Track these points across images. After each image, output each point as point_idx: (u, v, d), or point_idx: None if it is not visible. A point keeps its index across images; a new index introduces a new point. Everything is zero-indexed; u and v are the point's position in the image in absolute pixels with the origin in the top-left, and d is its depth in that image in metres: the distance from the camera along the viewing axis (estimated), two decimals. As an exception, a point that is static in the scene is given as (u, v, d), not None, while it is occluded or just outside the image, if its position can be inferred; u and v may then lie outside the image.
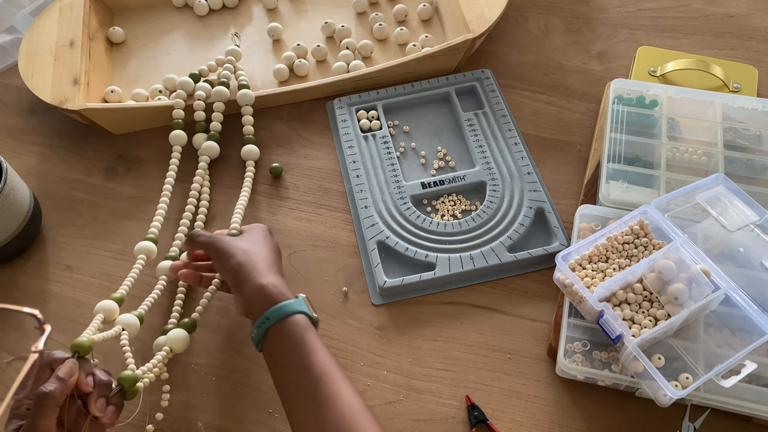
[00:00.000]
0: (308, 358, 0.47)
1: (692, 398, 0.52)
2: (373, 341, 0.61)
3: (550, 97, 0.80)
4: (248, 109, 0.76)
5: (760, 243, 0.58)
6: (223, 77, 0.77)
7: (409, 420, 0.56)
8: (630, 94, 0.71)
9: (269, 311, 0.50)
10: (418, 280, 0.63)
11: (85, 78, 0.77)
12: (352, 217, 0.70)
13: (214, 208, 0.72)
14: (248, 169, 0.72)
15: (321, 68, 0.84)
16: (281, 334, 0.49)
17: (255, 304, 0.51)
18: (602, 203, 0.64)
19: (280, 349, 0.49)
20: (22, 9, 0.88)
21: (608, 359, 0.56)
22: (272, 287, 0.51)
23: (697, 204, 0.60)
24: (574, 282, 0.55)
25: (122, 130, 0.79)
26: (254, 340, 0.51)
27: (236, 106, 0.76)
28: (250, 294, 0.52)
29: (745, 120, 0.69)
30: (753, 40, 0.84)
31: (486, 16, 0.78)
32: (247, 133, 0.75)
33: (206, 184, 0.72)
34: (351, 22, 0.88)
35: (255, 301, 0.51)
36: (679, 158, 0.67)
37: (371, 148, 0.74)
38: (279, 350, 0.49)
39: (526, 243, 0.66)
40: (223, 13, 0.91)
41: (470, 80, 0.80)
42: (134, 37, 0.88)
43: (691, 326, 0.55)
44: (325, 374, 0.47)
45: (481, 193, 0.70)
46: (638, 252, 0.58)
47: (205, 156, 0.73)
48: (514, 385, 0.58)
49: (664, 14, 0.88)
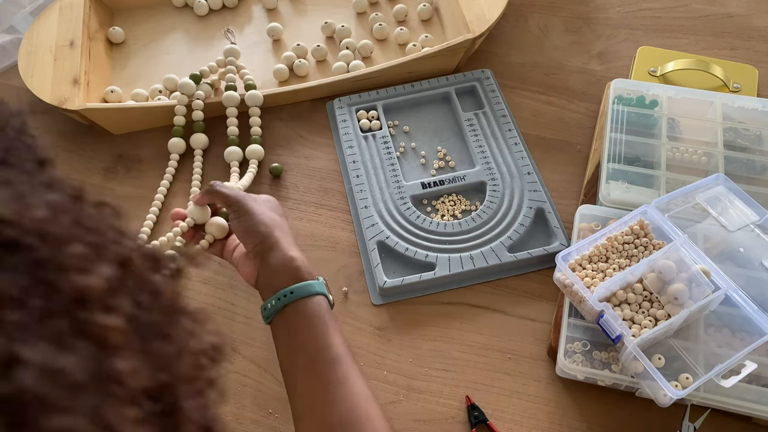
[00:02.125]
0: (328, 339, 0.47)
1: (692, 398, 0.52)
2: (373, 341, 0.61)
3: (550, 97, 0.80)
4: (256, 110, 0.76)
5: (760, 243, 0.58)
6: (229, 80, 0.77)
7: (409, 420, 0.56)
8: (630, 94, 0.71)
9: (295, 286, 0.50)
10: (418, 280, 0.63)
11: (85, 78, 0.77)
12: (352, 217, 0.70)
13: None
14: (251, 165, 0.72)
15: (321, 68, 0.84)
16: (303, 311, 0.49)
17: (281, 275, 0.51)
18: (602, 203, 0.64)
19: (298, 325, 0.49)
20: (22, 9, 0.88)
21: (608, 359, 0.56)
22: (300, 262, 0.51)
23: (697, 204, 0.60)
24: (574, 282, 0.55)
25: (122, 130, 0.79)
26: (268, 311, 0.50)
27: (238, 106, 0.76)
28: (277, 264, 0.51)
29: (745, 120, 0.69)
30: (753, 40, 0.84)
31: (486, 16, 0.78)
32: (255, 134, 0.75)
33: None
34: (351, 22, 0.88)
35: (281, 272, 0.51)
36: (679, 158, 0.67)
37: (371, 148, 0.74)
38: (296, 327, 0.49)
39: (526, 243, 0.66)
40: (223, 13, 0.91)
41: (470, 80, 0.80)
42: (134, 37, 0.88)
43: (691, 326, 0.55)
44: (341, 357, 0.47)
45: (481, 193, 0.70)
46: (638, 252, 0.58)
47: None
48: (514, 385, 0.58)
49: (664, 14, 0.88)
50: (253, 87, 0.77)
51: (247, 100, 0.76)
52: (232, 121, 0.75)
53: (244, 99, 0.76)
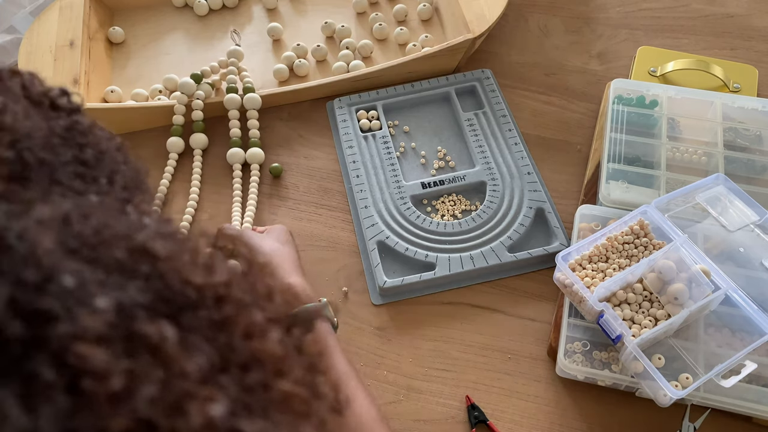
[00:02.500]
0: (329, 361, 0.47)
1: (692, 398, 0.52)
2: (373, 341, 0.61)
3: (550, 97, 0.80)
4: (254, 113, 0.76)
5: (760, 243, 0.58)
6: (230, 81, 0.77)
7: (409, 420, 0.56)
8: (630, 94, 0.71)
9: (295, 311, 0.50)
10: (418, 280, 0.63)
11: (85, 78, 0.77)
12: (352, 217, 0.70)
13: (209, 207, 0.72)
14: (253, 173, 0.73)
15: (321, 68, 0.84)
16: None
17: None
18: (602, 203, 0.64)
19: None
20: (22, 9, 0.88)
21: (608, 359, 0.56)
22: (299, 288, 0.52)
23: (697, 204, 0.60)
24: (574, 282, 0.55)
25: (122, 130, 0.79)
26: None
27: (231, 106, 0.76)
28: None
29: (745, 120, 0.69)
30: (753, 40, 0.84)
31: (486, 16, 0.78)
32: (253, 137, 0.75)
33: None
34: (351, 22, 0.88)
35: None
36: (679, 158, 0.67)
37: (371, 148, 0.74)
38: None
39: (526, 243, 0.66)
40: (223, 13, 0.91)
41: (470, 80, 0.80)
42: (134, 37, 0.88)
43: (691, 326, 0.55)
44: (344, 378, 0.47)
45: (481, 193, 0.70)
46: (638, 252, 0.58)
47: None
48: (514, 385, 0.58)
49: (664, 14, 0.88)
50: (251, 90, 0.77)
51: (245, 104, 0.76)
52: (234, 123, 0.76)
53: (243, 102, 0.76)
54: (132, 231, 0.22)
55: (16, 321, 0.17)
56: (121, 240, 0.21)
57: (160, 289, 0.20)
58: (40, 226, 0.19)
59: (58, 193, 0.24)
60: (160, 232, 0.22)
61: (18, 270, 0.18)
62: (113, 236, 0.21)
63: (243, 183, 0.73)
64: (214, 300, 0.21)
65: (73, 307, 0.18)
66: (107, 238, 0.21)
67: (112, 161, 0.28)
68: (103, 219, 0.21)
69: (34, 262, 0.18)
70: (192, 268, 0.21)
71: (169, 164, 0.74)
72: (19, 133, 0.24)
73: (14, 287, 0.18)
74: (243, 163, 0.74)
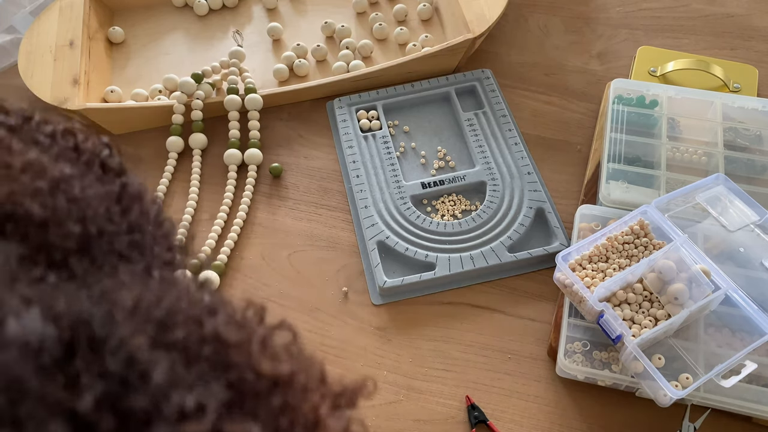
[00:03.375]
0: None
1: (692, 398, 0.52)
2: (373, 341, 0.61)
3: (550, 97, 0.80)
4: (255, 114, 0.76)
5: (760, 243, 0.58)
6: (231, 82, 0.77)
7: (409, 420, 0.56)
8: (630, 94, 0.71)
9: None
10: (418, 280, 0.63)
11: (85, 78, 0.77)
12: (352, 217, 0.70)
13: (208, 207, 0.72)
14: (250, 174, 0.73)
15: (321, 68, 0.84)
16: None
17: None
18: (602, 203, 0.64)
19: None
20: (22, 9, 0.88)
21: (608, 359, 0.56)
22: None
23: (697, 204, 0.60)
24: (574, 282, 0.55)
25: (122, 130, 0.79)
26: None
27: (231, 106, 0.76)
28: None
29: (745, 120, 0.69)
30: (753, 40, 0.84)
31: (486, 16, 0.78)
32: (254, 138, 0.75)
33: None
34: (351, 22, 0.88)
35: None
36: (679, 158, 0.67)
37: (371, 148, 0.74)
38: None
39: (526, 243, 0.66)
40: (223, 13, 0.91)
41: (470, 80, 0.80)
42: (134, 37, 0.88)
43: (691, 326, 0.55)
44: None
45: (481, 193, 0.70)
46: (638, 252, 0.58)
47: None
48: (514, 385, 0.58)
49: (664, 14, 0.88)
50: (253, 90, 0.77)
51: (246, 104, 0.76)
52: (234, 124, 0.75)
53: (244, 102, 0.76)
54: (199, 313, 0.21)
55: (110, 415, 0.17)
56: (193, 325, 0.20)
57: (236, 382, 0.19)
58: (121, 311, 0.19)
59: (121, 267, 0.23)
60: (227, 315, 0.21)
61: (108, 363, 0.17)
62: (185, 320, 0.20)
63: (238, 184, 0.73)
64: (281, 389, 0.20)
65: (164, 408, 0.17)
66: (180, 322, 0.20)
67: (156, 222, 0.27)
68: (172, 299, 0.20)
69: (124, 355, 0.18)
70: (261, 357, 0.20)
71: (168, 164, 0.74)
72: (85, 204, 0.23)
73: (105, 381, 0.17)
74: (240, 164, 0.74)
